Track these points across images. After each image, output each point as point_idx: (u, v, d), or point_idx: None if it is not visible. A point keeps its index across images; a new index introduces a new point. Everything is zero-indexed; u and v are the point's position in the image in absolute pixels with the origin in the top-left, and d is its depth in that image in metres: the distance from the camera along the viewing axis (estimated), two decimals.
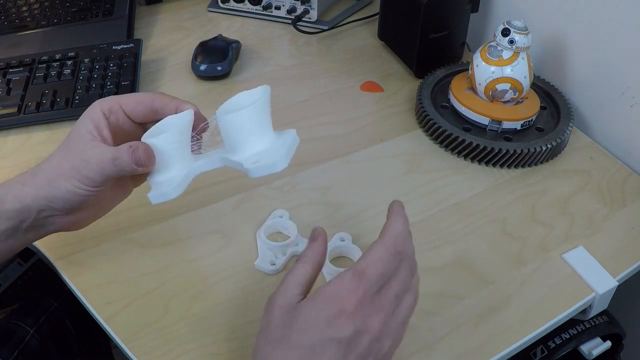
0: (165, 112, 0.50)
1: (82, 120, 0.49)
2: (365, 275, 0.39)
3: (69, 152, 0.48)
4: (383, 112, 0.80)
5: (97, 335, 0.71)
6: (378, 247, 0.41)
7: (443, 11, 0.81)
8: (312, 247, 0.43)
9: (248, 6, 0.98)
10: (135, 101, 0.50)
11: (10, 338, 0.59)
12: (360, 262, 0.40)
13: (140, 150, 0.47)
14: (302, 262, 0.42)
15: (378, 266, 0.40)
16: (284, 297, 0.40)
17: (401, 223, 0.43)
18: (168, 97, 0.51)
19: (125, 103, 0.49)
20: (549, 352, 0.70)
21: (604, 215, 0.66)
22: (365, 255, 0.41)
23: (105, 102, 0.49)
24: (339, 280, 0.40)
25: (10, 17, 0.94)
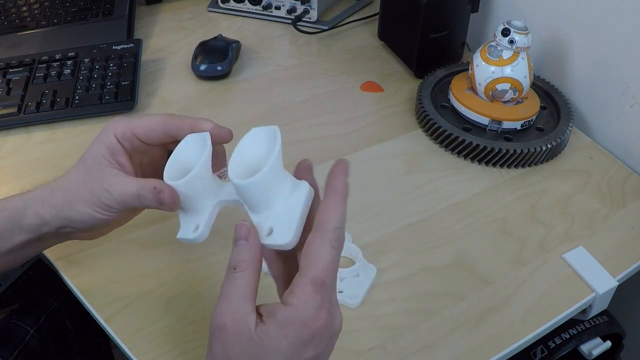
0: (180, 134, 0.48)
1: (97, 145, 0.48)
2: (325, 286, 0.36)
3: (88, 177, 0.47)
4: (383, 112, 0.80)
5: (97, 335, 0.71)
6: (326, 249, 0.37)
7: (443, 11, 0.81)
8: (246, 248, 0.38)
9: (248, 6, 0.98)
10: (147, 128, 0.48)
11: (10, 338, 0.59)
12: (313, 270, 0.36)
13: (165, 194, 0.45)
14: (241, 270, 0.38)
15: (331, 269, 0.37)
16: (235, 320, 0.36)
17: (340, 212, 0.38)
18: (180, 119, 0.48)
19: (137, 130, 0.48)
20: (549, 352, 0.70)
21: (604, 215, 0.66)
22: (315, 260, 0.36)
23: (118, 127, 0.48)
24: (302, 298, 0.36)
25: (10, 17, 0.94)
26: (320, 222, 0.37)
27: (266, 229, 0.40)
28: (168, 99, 0.80)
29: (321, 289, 0.36)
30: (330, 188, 0.40)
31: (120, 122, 0.48)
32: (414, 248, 0.61)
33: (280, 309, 0.36)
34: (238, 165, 0.42)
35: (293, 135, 0.75)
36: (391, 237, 0.62)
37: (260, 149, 0.43)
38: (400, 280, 0.58)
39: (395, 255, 0.61)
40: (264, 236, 0.40)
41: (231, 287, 0.37)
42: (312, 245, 0.37)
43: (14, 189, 0.66)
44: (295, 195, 0.41)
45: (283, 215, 0.40)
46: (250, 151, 0.43)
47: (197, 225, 0.45)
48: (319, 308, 0.36)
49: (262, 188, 0.40)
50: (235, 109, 0.79)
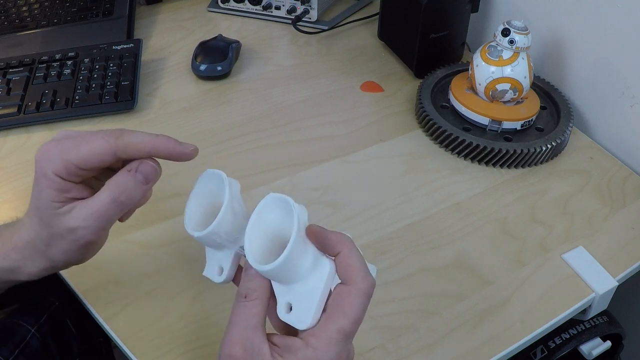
0: (137, 156, 0.42)
1: (43, 191, 0.41)
2: (350, 336, 0.37)
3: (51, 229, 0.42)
4: (383, 112, 0.80)
5: (97, 335, 0.71)
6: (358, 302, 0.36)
7: (443, 11, 0.81)
8: (257, 277, 0.38)
9: (248, 6, 0.98)
10: (91, 157, 0.40)
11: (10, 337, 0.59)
12: (344, 320, 0.36)
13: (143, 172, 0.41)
14: (252, 299, 0.37)
15: (360, 321, 0.37)
16: (247, 349, 0.35)
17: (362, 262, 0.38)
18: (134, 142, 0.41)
19: (81, 163, 0.40)
20: (549, 352, 0.71)
21: (604, 215, 0.66)
22: (347, 311, 0.36)
23: (56, 164, 0.40)
24: (325, 342, 0.35)
25: (10, 17, 0.94)
26: (348, 276, 0.37)
27: (285, 303, 0.39)
28: (168, 99, 0.80)
29: (345, 338, 0.36)
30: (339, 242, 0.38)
31: (56, 156, 0.40)
32: (414, 248, 0.61)
33: (301, 348, 0.36)
34: (256, 236, 0.39)
35: (293, 135, 0.75)
36: (391, 237, 0.62)
37: (278, 215, 0.40)
38: (400, 280, 0.58)
39: (395, 255, 0.61)
40: (282, 310, 0.38)
41: (242, 315, 0.37)
42: (343, 296, 0.36)
43: (14, 189, 0.66)
44: (316, 272, 0.38)
45: (303, 293, 0.38)
46: (267, 217, 0.40)
47: (222, 268, 0.43)
48: (339, 354, 0.36)
49: (283, 269, 0.37)
50: (235, 109, 0.79)
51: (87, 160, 0.40)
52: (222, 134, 0.75)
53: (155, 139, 0.42)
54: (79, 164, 0.40)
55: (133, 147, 0.41)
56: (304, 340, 0.36)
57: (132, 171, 0.42)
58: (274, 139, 0.75)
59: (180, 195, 0.66)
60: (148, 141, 0.41)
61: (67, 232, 0.42)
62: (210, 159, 0.71)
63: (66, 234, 0.42)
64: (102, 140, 0.40)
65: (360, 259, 0.38)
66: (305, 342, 0.36)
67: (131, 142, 0.41)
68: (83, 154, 0.40)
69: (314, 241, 0.39)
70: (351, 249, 0.38)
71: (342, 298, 0.36)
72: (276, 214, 0.40)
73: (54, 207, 0.41)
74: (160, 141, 0.42)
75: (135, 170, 0.41)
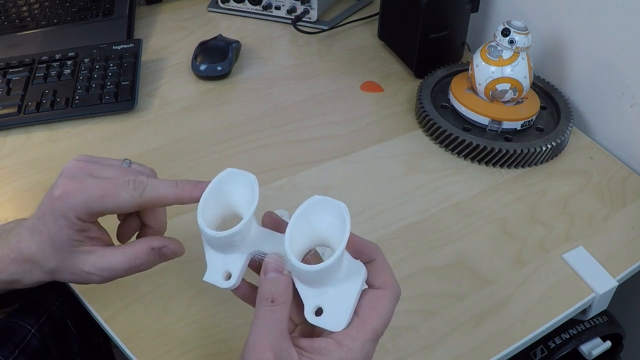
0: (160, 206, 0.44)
1: (62, 229, 0.42)
2: (380, 336, 0.38)
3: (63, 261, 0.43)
4: (383, 112, 0.80)
5: (97, 335, 0.71)
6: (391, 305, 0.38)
7: (443, 11, 0.81)
8: (282, 281, 0.38)
9: (248, 6, 0.98)
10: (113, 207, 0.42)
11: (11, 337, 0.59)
12: (377, 323, 0.38)
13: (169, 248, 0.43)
14: (279, 304, 0.37)
15: (388, 324, 0.39)
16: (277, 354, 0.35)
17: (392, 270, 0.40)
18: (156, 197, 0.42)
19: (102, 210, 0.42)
20: (549, 352, 0.71)
21: (604, 215, 0.66)
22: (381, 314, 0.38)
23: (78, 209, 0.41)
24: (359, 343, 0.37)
25: (10, 17, 0.94)
26: (382, 280, 0.39)
27: (314, 305, 0.38)
28: (168, 99, 0.80)
29: (377, 339, 0.38)
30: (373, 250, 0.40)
31: (78, 206, 0.41)
32: (414, 248, 0.61)
33: (335, 349, 0.36)
34: (298, 236, 0.39)
35: (293, 136, 0.75)
36: (391, 237, 0.62)
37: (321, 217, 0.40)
38: (400, 280, 0.57)
39: (395, 255, 0.61)
40: (310, 312, 0.38)
41: (269, 319, 0.37)
42: (377, 299, 0.38)
43: (14, 189, 0.66)
44: (352, 278, 0.39)
45: (337, 297, 0.38)
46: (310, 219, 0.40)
47: (229, 272, 0.41)
48: (369, 354, 0.37)
49: (327, 272, 0.37)
50: (236, 109, 0.79)
51: (109, 210, 0.42)
52: (222, 134, 0.75)
53: (177, 192, 0.42)
54: (102, 212, 0.42)
55: (158, 200, 0.42)
56: (335, 341, 0.37)
57: (156, 250, 0.44)
58: (274, 139, 0.75)
59: None
60: (170, 195, 0.42)
61: (79, 271, 0.44)
62: (210, 159, 0.71)
63: (78, 271, 0.44)
64: (127, 195, 0.41)
65: (390, 267, 0.40)
66: (337, 343, 0.37)
67: (155, 197, 0.42)
68: (107, 206, 0.42)
69: (349, 247, 0.40)
70: (384, 257, 0.40)
71: (377, 301, 0.38)
72: (319, 216, 0.40)
73: (73, 244, 0.43)
74: (182, 191, 0.42)
75: (159, 251, 0.44)
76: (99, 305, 0.55)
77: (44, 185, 0.66)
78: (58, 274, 0.45)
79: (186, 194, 0.42)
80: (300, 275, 0.39)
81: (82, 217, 0.42)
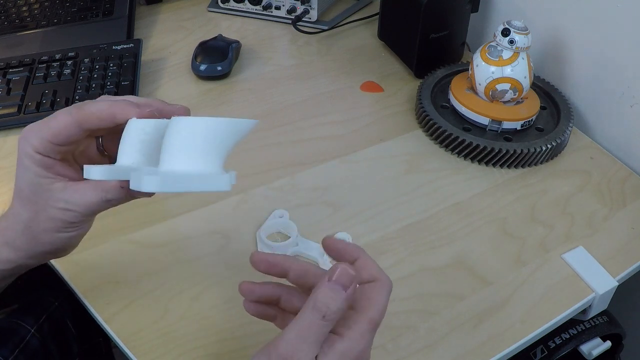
0: (100, 125, 0.43)
1: (26, 170, 0.43)
2: (377, 326, 0.39)
3: (36, 205, 0.43)
4: (383, 112, 0.80)
5: (96, 335, 0.71)
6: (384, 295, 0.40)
7: (443, 11, 0.81)
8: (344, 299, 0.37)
9: (248, 6, 0.98)
10: (61, 132, 0.42)
11: (10, 337, 0.59)
12: (373, 312, 0.39)
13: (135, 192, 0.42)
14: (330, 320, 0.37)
15: (384, 313, 0.40)
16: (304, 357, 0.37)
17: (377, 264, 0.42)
18: (92, 111, 0.42)
19: (54, 138, 0.42)
20: (549, 352, 0.71)
21: (604, 215, 0.66)
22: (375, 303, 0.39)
23: (34, 142, 0.42)
24: (359, 333, 0.38)
25: (10, 17, 0.94)
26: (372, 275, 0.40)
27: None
28: (168, 99, 0.80)
29: (374, 328, 0.39)
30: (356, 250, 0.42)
31: (32, 136, 0.43)
32: (414, 248, 0.61)
33: (339, 340, 0.38)
34: None
35: (293, 136, 0.75)
36: (391, 237, 0.62)
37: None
38: (400, 280, 0.58)
39: (395, 255, 0.61)
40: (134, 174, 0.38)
41: (316, 332, 0.37)
42: (370, 290, 0.40)
43: None
44: (211, 175, 0.39)
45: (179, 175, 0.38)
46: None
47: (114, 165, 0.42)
48: (369, 343, 0.39)
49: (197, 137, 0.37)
50: (235, 109, 0.79)
51: (56, 134, 0.42)
52: None
53: (111, 106, 0.42)
54: (52, 140, 0.42)
55: (92, 116, 0.42)
56: (336, 335, 0.38)
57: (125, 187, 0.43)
58: (273, 139, 0.75)
59: (180, 195, 0.66)
60: (105, 109, 0.42)
61: (54, 211, 0.43)
62: None
63: (52, 212, 0.43)
64: (66, 114, 0.42)
65: (375, 262, 0.41)
66: (340, 336, 0.38)
67: (90, 112, 0.42)
68: (52, 129, 0.42)
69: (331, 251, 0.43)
70: (367, 254, 0.42)
71: (369, 293, 0.40)
72: None
73: (43, 183, 0.43)
74: (118, 107, 0.42)
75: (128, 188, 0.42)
76: (99, 305, 0.55)
77: None
78: (33, 228, 0.44)
79: (120, 111, 0.42)
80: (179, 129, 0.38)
81: (39, 149, 0.42)
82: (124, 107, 0.42)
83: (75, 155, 0.46)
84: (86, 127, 0.42)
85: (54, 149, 0.43)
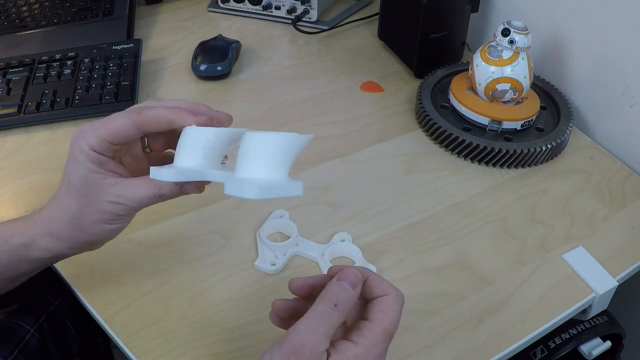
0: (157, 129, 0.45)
1: (80, 165, 0.45)
2: (391, 336, 0.41)
3: (87, 198, 0.45)
4: (383, 112, 0.80)
5: (96, 335, 0.71)
6: (398, 307, 0.41)
7: (443, 11, 0.81)
8: (353, 295, 0.40)
9: (248, 6, 0.98)
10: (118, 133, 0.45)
11: (10, 337, 0.59)
12: (387, 322, 0.40)
13: (189, 188, 0.46)
14: (340, 311, 0.39)
15: (398, 323, 0.41)
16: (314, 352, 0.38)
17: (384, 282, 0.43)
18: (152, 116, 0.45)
19: (110, 138, 0.45)
20: (549, 352, 0.71)
21: (604, 215, 0.66)
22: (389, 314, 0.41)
23: (90, 139, 0.45)
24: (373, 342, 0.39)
25: (10, 17, 0.94)
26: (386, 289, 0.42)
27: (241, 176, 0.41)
28: (168, 99, 0.80)
29: (388, 338, 0.40)
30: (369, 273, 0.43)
31: (89, 135, 0.45)
32: (414, 248, 0.61)
33: (351, 347, 0.39)
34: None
35: None
36: (391, 237, 0.62)
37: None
38: (400, 280, 0.58)
39: (395, 255, 0.61)
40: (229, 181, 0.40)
41: (326, 319, 0.39)
42: (385, 302, 0.41)
43: (14, 189, 0.66)
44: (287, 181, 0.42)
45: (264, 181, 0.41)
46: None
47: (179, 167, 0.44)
48: (382, 354, 0.40)
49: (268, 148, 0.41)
50: (235, 109, 0.79)
51: (114, 135, 0.45)
52: None
53: (170, 113, 0.44)
54: (109, 139, 0.45)
55: (151, 120, 0.45)
56: (351, 341, 0.39)
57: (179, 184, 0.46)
58: None
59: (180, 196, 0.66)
60: (163, 115, 0.45)
61: (104, 203, 0.45)
62: None
63: (103, 204, 0.45)
64: (125, 117, 0.45)
65: (384, 279, 0.43)
66: (353, 342, 0.39)
67: (149, 117, 0.45)
68: (111, 130, 0.44)
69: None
70: (375, 273, 0.43)
71: (383, 304, 0.41)
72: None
73: (96, 178, 0.45)
74: (175, 113, 0.44)
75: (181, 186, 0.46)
76: (99, 305, 0.55)
77: (44, 185, 0.66)
78: (82, 219, 0.46)
79: (177, 117, 0.44)
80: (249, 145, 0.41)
81: (95, 146, 0.44)
82: (182, 114, 0.44)
83: (122, 153, 0.49)
84: (144, 130, 0.45)
85: (109, 148, 0.45)
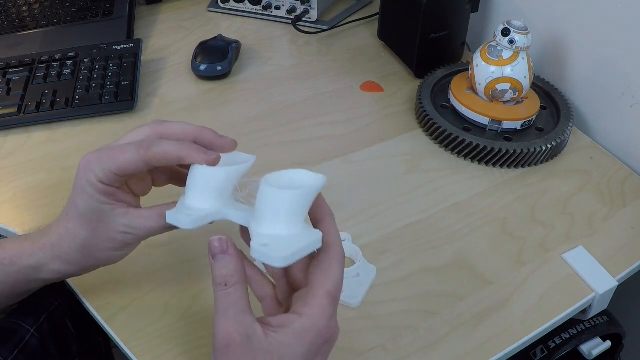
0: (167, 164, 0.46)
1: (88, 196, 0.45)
2: (336, 299, 0.40)
3: (97, 228, 0.46)
4: (383, 112, 0.80)
5: (96, 335, 0.71)
6: (338, 265, 0.40)
7: (443, 11, 0.81)
8: (230, 261, 0.39)
9: (248, 6, 0.98)
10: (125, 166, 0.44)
11: (10, 337, 0.59)
12: (328, 284, 0.39)
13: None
14: (233, 285, 0.38)
15: (341, 283, 0.40)
16: (243, 334, 0.37)
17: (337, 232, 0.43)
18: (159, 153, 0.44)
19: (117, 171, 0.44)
20: (549, 352, 0.70)
21: (604, 215, 0.66)
22: (329, 275, 0.40)
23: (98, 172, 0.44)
24: (317, 309, 0.38)
25: (10, 17, 0.94)
26: (327, 243, 0.41)
27: (263, 242, 0.39)
28: (168, 99, 0.80)
29: (334, 301, 0.39)
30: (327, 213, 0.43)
31: (97, 167, 0.44)
32: (414, 248, 0.61)
33: (296, 319, 0.38)
34: (275, 179, 0.43)
35: (293, 135, 0.75)
36: (391, 237, 0.62)
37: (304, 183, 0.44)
38: (400, 280, 0.58)
39: (395, 255, 0.61)
40: (256, 245, 0.39)
41: (228, 303, 0.38)
42: (323, 262, 0.40)
43: (14, 189, 0.66)
44: (306, 234, 0.41)
45: (286, 239, 0.40)
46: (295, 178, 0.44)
47: (196, 210, 0.45)
48: (331, 318, 0.39)
49: (279, 205, 0.40)
50: (235, 109, 0.79)
51: (123, 170, 0.44)
52: (222, 133, 0.74)
53: (179, 149, 0.44)
54: (116, 172, 0.44)
55: (160, 156, 0.44)
56: (295, 314, 0.38)
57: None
58: (274, 139, 0.75)
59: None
60: (172, 152, 0.44)
61: (113, 233, 0.46)
62: None
63: (112, 234, 0.46)
64: (134, 152, 0.44)
65: (337, 231, 0.42)
66: (297, 314, 0.38)
67: (158, 154, 0.44)
68: (119, 165, 0.44)
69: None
70: (333, 219, 0.42)
71: (323, 265, 0.40)
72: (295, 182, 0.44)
73: (105, 209, 0.45)
74: (184, 150, 0.44)
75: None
76: (99, 305, 0.55)
77: (44, 185, 0.66)
78: (91, 247, 0.47)
79: (187, 154, 0.44)
80: (266, 203, 0.41)
81: (103, 179, 0.44)
82: (192, 152, 0.44)
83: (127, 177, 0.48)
84: (152, 165, 0.45)
85: (116, 179, 0.45)
